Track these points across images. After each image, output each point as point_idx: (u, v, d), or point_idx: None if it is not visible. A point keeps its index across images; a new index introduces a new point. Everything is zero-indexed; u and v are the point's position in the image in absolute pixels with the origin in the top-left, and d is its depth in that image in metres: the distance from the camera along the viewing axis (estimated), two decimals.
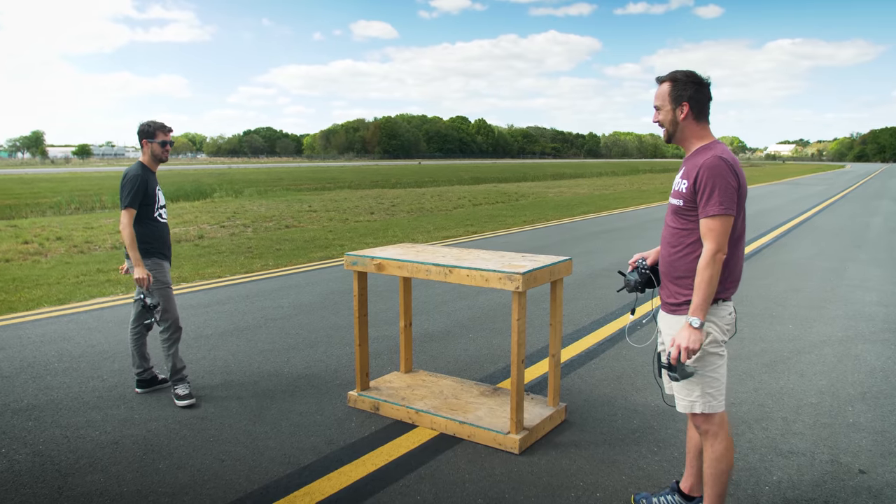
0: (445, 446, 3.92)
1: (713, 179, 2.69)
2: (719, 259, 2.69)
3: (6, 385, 4.94)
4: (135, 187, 4.61)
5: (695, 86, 2.83)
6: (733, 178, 2.71)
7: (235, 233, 14.41)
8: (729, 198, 2.68)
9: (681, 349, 2.72)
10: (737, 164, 2.76)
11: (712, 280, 2.68)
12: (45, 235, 13.60)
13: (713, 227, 2.69)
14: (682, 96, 2.83)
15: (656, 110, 2.92)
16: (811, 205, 23.75)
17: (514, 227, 15.83)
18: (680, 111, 2.85)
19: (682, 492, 3.24)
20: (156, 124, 4.77)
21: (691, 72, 2.86)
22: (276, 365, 5.41)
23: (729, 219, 2.70)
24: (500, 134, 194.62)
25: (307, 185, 36.72)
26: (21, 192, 30.40)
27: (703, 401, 2.86)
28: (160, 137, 4.76)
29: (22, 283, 8.78)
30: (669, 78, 2.87)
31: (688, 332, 2.71)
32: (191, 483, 3.49)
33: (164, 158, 4.85)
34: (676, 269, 2.88)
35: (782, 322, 6.86)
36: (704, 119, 2.88)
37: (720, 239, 2.69)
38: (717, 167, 2.70)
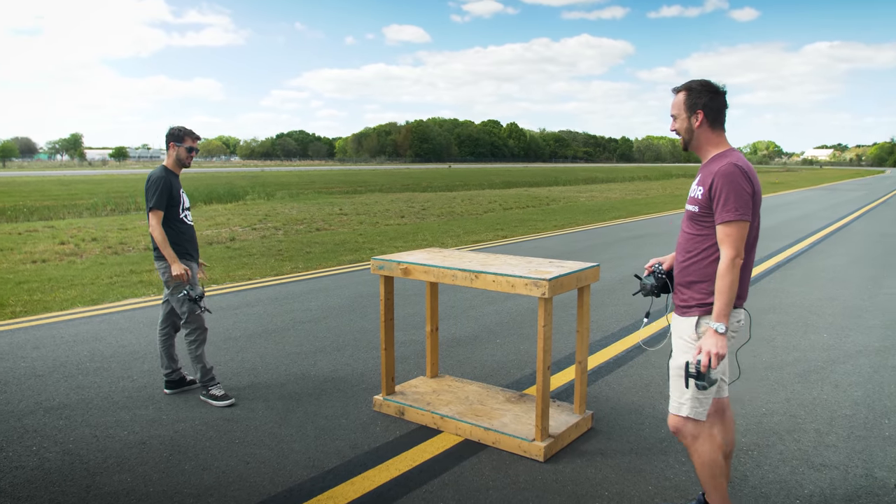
0: (470, 452, 3.90)
1: (728, 186, 2.74)
2: (738, 264, 2.74)
3: (39, 384, 5.03)
4: (159, 189, 4.69)
5: (709, 94, 2.89)
6: (748, 184, 2.76)
7: (266, 235, 14.54)
8: (744, 204, 2.74)
9: (710, 355, 2.72)
10: (751, 172, 2.82)
11: (733, 285, 2.74)
12: (81, 236, 13.86)
13: (730, 233, 2.74)
14: (697, 105, 2.90)
15: (673, 119, 2.99)
16: (848, 210, 23.26)
17: (545, 232, 15.75)
18: (695, 119, 2.91)
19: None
20: (186, 130, 4.86)
21: (706, 81, 2.92)
22: (303, 368, 5.43)
23: (745, 224, 2.75)
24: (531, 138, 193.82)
25: (338, 188, 36.97)
26: (59, 193, 31.07)
27: (691, 404, 2.90)
28: (188, 143, 4.85)
29: (57, 283, 8.95)
30: (685, 87, 2.94)
31: (714, 338, 2.74)
32: (215, 485, 3.51)
33: (187, 164, 4.93)
34: (690, 273, 2.93)
35: (817, 331, 6.71)
36: (720, 126, 2.94)
37: (738, 244, 2.74)
38: (732, 174, 2.75)
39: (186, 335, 4.80)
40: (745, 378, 5.26)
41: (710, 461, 2.94)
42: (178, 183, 4.91)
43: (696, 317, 2.89)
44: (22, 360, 5.57)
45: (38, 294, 8.22)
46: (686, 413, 2.91)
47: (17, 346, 5.97)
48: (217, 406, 4.61)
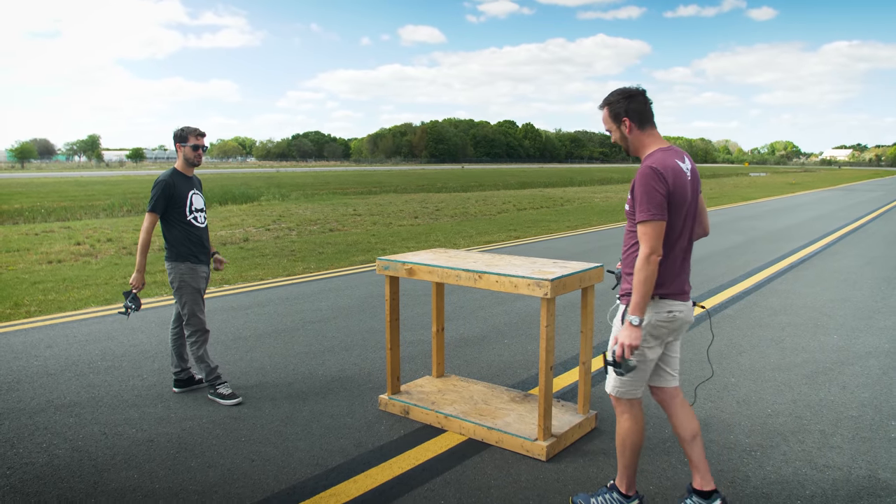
0: (473, 452, 3.92)
1: (642, 188, 2.92)
2: (653, 261, 2.89)
3: (51, 382, 5.11)
4: (159, 192, 4.71)
5: (627, 100, 3.06)
6: (661, 185, 2.91)
7: (280, 236, 14.64)
8: (656, 204, 2.89)
9: (621, 346, 2.94)
10: (669, 171, 2.94)
11: (647, 280, 2.89)
12: (97, 237, 14.02)
13: (645, 232, 2.91)
14: (620, 114, 3.07)
15: (609, 133, 3.18)
16: (865, 211, 23.04)
17: (558, 233, 15.74)
18: (624, 127, 3.08)
19: (697, 490, 3.22)
20: (189, 129, 4.86)
21: (622, 88, 3.10)
22: (311, 367, 5.48)
23: (659, 223, 2.90)
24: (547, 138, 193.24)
25: (353, 188, 37.10)
26: (76, 194, 31.40)
27: (614, 384, 3.16)
28: (192, 141, 4.84)
29: (72, 283, 9.07)
30: (605, 103, 3.13)
31: (628, 329, 2.93)
32: (220, 482, 3.56)
33: (196, 162, 4.92)
34: (627, 265, 3.12)
35: (827, 332, 6.67)
36: (649, 125, 3.09)
37: (652, 242, 2.89)
38: (646, 176, 2.92)
39: (188, 336, 4.86)
40: (751, 379, 5.26)
41: (624, 435, 3.18)
42: (190, 184, 4.91)
43: (625, 305, 3.08)
44: (35, 359, 5.66)
45: (53, 294, 8.34)
46: (610, 391, 3.19)
47: (30, 345, 6.07)
48: (225, 404, 4.66)
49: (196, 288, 4.87)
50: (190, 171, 4.96)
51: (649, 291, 2.91)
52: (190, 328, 4.84)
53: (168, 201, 4.77)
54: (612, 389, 3.18)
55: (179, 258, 4.81)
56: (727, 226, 17.62)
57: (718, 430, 4.29)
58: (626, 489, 3.26)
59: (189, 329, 4.85)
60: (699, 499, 3.20)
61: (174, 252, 4.82)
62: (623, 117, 3.06)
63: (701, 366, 5.52)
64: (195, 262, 4.87)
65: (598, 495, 3.29)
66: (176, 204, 4.80)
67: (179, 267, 4.81)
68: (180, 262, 4.81)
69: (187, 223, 4.85)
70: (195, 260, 4.87)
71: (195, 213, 4.91)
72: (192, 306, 4.83)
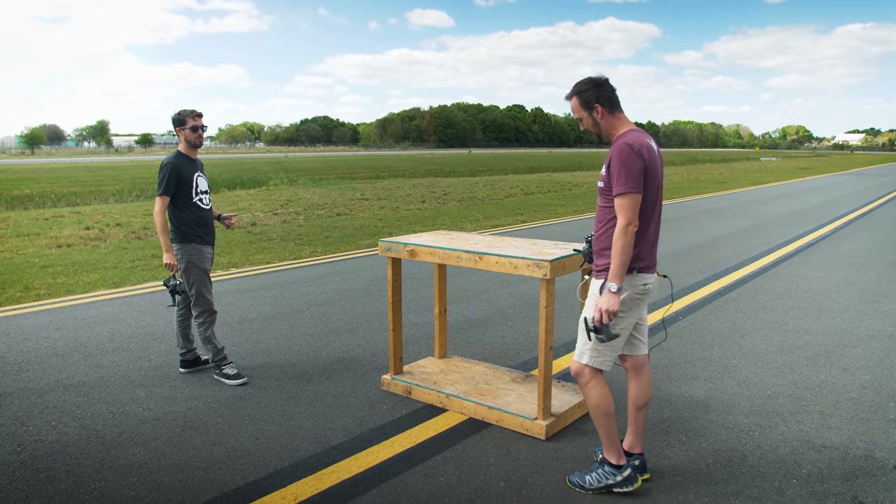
0: (473, 430, 3.98)
1: (620, 163, 3.07)
2: (630, 231, 3.04)
3: (60, 363, 5.19)
4: (167, 175, 4.77)
5: (596, 88, 3.21)
6: (638, 160, 3.07)
7: (287, 220, 14.71)
8: (634, 178, 3.05)
9: (600, 311, 3.07)
10: (644, 148, 3.11)
11: (625, 249, 3.05)
12: (106, 222, 14.12)
13: (623, 204, 3.06)
14: (591, 101, 3.22)
15: (580, 121, 3.32)
16: (875, 196, 22.89)
17: (564, 217, 15.74)
18: (596, 113, 3.23)
19: (623, 449, 3.47)
20: (185, 111, 4.89)
21: (587, 78, 3.26)
22: (316, 349, 5.54)
23: (635, 196, 3.06)
24: (556, 123, 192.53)
25: (361, 173, 37.12)
26: (86, 179, 31.58)
27: (590, 354, 3.27)
28: (190, 123, 4.87)
29: (81, 266, 9.16)
30: (574, 93, 3.27)
31: (607, 296, 3.09)
32: (224, 458, 3.63)
33: (197, 143, 4.96)
34: (601, 241, 3.26)
35: (830, 315, 6.68)
36: (618, 110, 3.26)
37: (629, 214, 3.05)
38: (624, 151, 3.08)
39: (195, 317, 4.93)
40: (753, 361, 5.29)
41: (597, 403, 3.30)
42: (194, 167, 4.97)
43: (602, 280, 3.20)
44: (44, 341, 5.74)
45: (62, 277, 8.43)
46: (586, 361, 3.29)
47: (39, 327, 6.16)
48: (230, 385, 4.73)
49: (203, 269, 4.92)
50: (193, 153, 5.01)
51: (627, 259, 3.07)
52: (198, 308, 4.91)
53: (176, 183, 4.82)
54: (588, 359, 3.28)
55: (186, 239, 4.85)
56: (736, 210, 17.56)
57: (717, 410, 4.33)
58: (615, 459, 3.33)
59: (197, 310, 4.91)
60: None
61: (181, 234, 4.86)
62: (595, 104, 3.22)
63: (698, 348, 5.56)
64: (201, 244, 4.91)
65: (592, 471, 3.36)
66: (183, 186, 4.85)
67: (186, 248, 4.85)
68: (186, 244, 4.86)
69: (193, 205, 4.90)
70: (200, 241, 4.91)
71: (201, 194, 4.96)
72: (199, 287, 4.89)
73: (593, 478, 3.33)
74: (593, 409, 3.32)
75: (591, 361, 3.28)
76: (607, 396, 3.32)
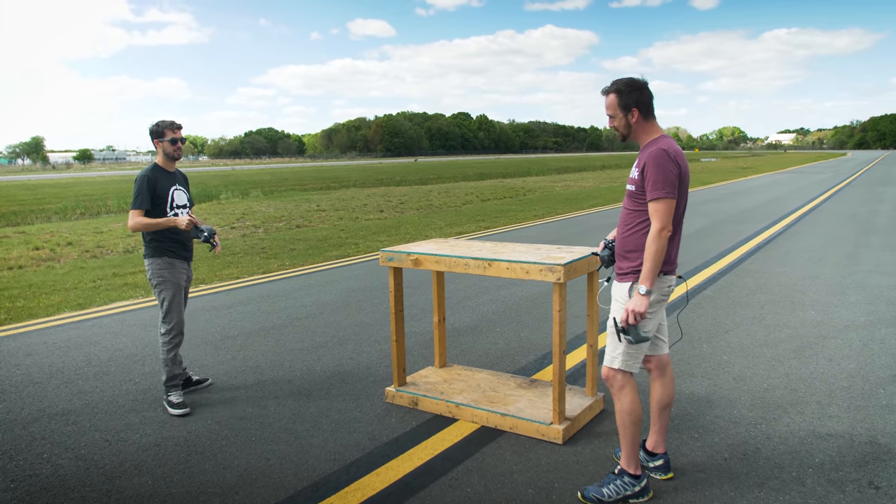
0: (488, 439, 3.93)
1: (657, 168, 3.09)
2: (665, 235, 3.08)
3: (39, 391, 4.96)
4: (141, 188, 4.58)
5: (638, 92, 3.21)
6: (674, 166, 3.10)
7: (247, 234, 14.42)
8: (671, 183, 3.09)
9: (629, 312, 3.09)
10: (679, 155, 3.16)
11: (658, 252, 3.08)
12: (56, 241, 13.62)
13: (658, 209, 3.09)
14: (630, 103, 3.22)
15: (610, 118, 3.31)
16: (818, 192, 23.72)
17: (525, 222, 15.83)
18: (631, 116, 3.23)
19: (646, 449, 3.54)
20: (164, 123, 4.71)
21: (631, 79, 3.24)
22: (308, 363, 5.42)
23: (671, 201, 3.10)
24: (501, 129, 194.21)
25: (312, 184, 36.71)
26: (25, 198, 30.43)
27: (622, 358, 3.27)
28: (169, 135, 4.69)
29: (39, 288, 8.80)
30: (614, 90, 3.25)
31: (637, 298, 3.11)
32: (239, 483, 3.50)
33: (176, 156, 4.77)
34: (628, 244, 3.27)
35: (804, 308, 6.86)
36: (651, 116, 3.27)
37: (664, 218, 3.08)
38: (661, 157, 3.10)
39: (162, 334, 4.65)
40: (742, 356, 5.38)
41: (629, 409, 3.29)
42: (172, 180, 4.78)
43: (630, 282, 3.25)
44: (16, 368, 5.48)
45: (21, 300, 8.08)
46: (618, 365, 3.28)
47: (7, 354, 5.87)
48: (172, 413, 4.45)
49: (176, 283, 4.70)
50: (171, 165, 4.82)
51: (660, 263, 3.10)
52: (166, 326, 4.64)
53: (151, 196, 4.62)
54: (620, 364, 3.28)
55: (158, 253, 4.65)
56: (692, 209, 17.87)
57: (721, 405, 4.38)
58: (634, 469, 3.30)
59: (164, 326, 4.64)
60: (646, 455, 3.52)
61: (153, 247, 4.65)
62: (633, 107, 3.22)
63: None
64: (173, 257, 4.70)
65: (608, 483, 3.30)
66: (157, 200, 4.64)
67: (156, 262, 4.65)
68: (158, 258, 4.65)
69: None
70: (172, 255, 4.70)
71: (177, 208, 4.76)
72: (170, 302, 4.66)
73: (611, 490, 3.27)
74: (625, 414, 3.30)
75: (624, 365, 3.27)
76: (639, 402, 3.32)
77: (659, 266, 3.10)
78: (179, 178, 4.92)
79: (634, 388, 3.32)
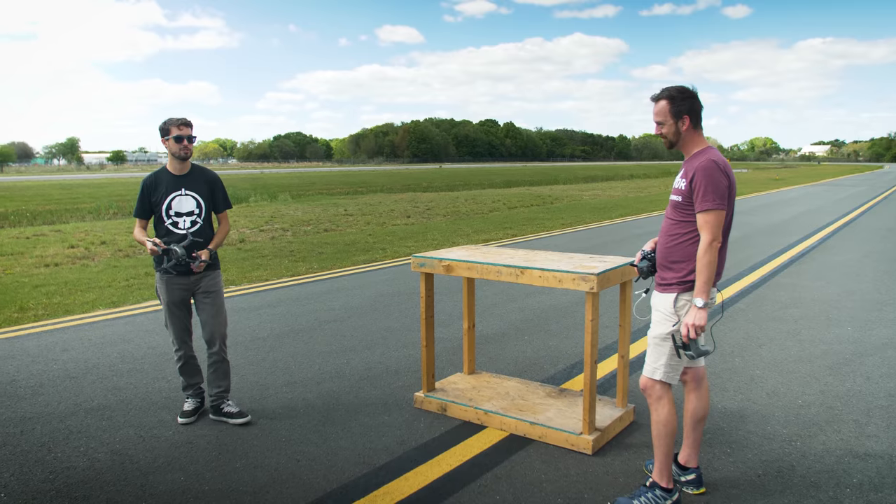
0: (517, 447, 3.92)
1: (707, 179, 3.09)
2: (715, 247, 3.09)
3: (75, 385, 5.04)
4: (138, 194, 4.35)
5: (690, 100, 3.21)
6: (724, 178, 3.11)
7: (275, 237, 14.55)
8: (720, 195, 3.09)
9: (689, 327, 3.07)
10: (727, 167, 3.18)
11: (711, 265, 3.08)
12: (90, 240, 13.86)
13: (708, 220, 3.09)
14: (682, 111, 3.21)
15: (659, 125, 3.28)
16: (854, 206, 23.32)
17: (553, 230, 15.78)
18: (682, 123, 3.22)
19: (678, 462, 3.50)
20: (170, 120, 4.30)
21: (683, 87, 3.23)
22: (337, 366, 5.45)
23: (721, 213, 3.10)
24: (528, 137, 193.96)
25: (339, 188, 36.97)
26: (61, 197, 31.05)
27: (664, 370, 3.26)
28: (174, 132, 4.25)
29: (74, 286, 8.95)
30: (666, 96, 3.23)
31: (694, 311, 3.09)
32: (270, 482, 3.53)
33: (182, 155, 4.30)
34: (672, 254, 3.26)
35: (840, 324, 6.74)
36: (700, 126, 3.27)
37: (715, 230, 3.08)
38: (711, 168, 3.10)
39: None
40: (776, 371, 5.30)
41: (666, 420, 3.28)
42: (177, 184, 4.34)
43: (675, 293, 3.22)
44: (53, 363, 5.58)
45: (57, 297, 8.23)
46: (660, 377, 3.28)
47: (45, 349, 5.98)
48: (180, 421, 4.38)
49: (168, 300, 4.40)
50: (180, 167, 4.37)
51: (713, 275, 3.09)
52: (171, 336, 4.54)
53: (148, 203, 4.34)
54: (661, 375, 3.27)
55: (156, 267, 4.42)
56: None
57: (754, 421, 4.32)
58: (666, 483, 3.29)
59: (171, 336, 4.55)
60: (678, 469, 3.48)
61: (154, 260, 4.39)
62: (685, 115, 3.20)
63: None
64: (165, 272, 4.35)
65: (640, 496, 3.28)
66: (154, 207, 4.33)
67: (157, 275, 4.43)
68: (157, 271, 4.42)
69: (165, 229, 4.32)
70: (164, 272, 4.35)
71: (174, 217, 4.32)
72: (164, 318, 4.50)
73: (642, 502, 3.26)
74: (662, 425, 3.29)
75: (665, 377, 3.27)
76: (675, 414, 3.31)
77: (712, 278, 3.09)
78: (193, 180, 4.41)
79: (672, 399, 3.30)
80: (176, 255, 4.19)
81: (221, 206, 4.56)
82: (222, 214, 4.61)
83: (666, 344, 3.23)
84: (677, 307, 3.21)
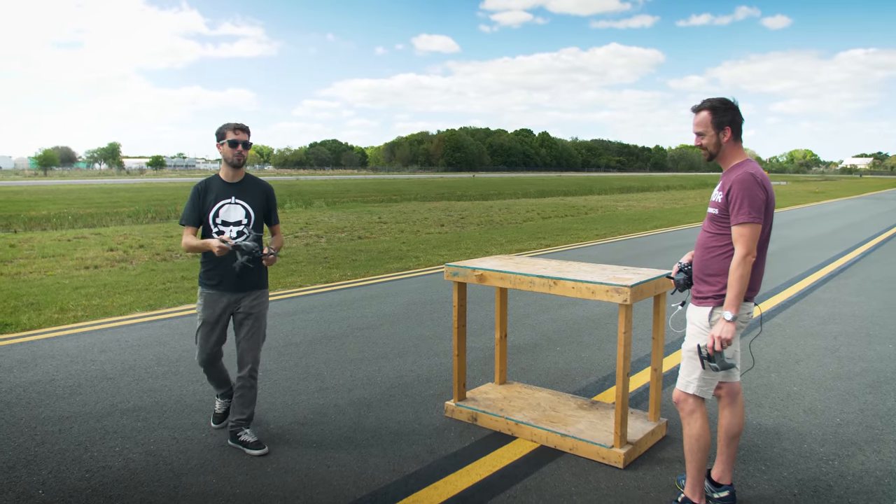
0: (547, 459, 3.89)
1: (743, 192, 3.06)
2: (749, 261, 3.06)
3: (112, 386, 5.14)
4: (189, 202, 4.13)
5: (733, 112, 3.19)
6: (761, 191, 3.08)
7: (310, 243, 14.68)
8: (757, 208, 3.06)
9: (715, 339, 3.05)
10: (765, 180, 3.14)
11: (743, 278, 3.05)
12: (129, 243, 14.13)
13: (743, 233, 3.06)
14: (724, 122, 3.18)
15: (699, 136, 3.25)
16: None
17: (587, 241, 15.67)
18: (723, 135, 3.20)
19: (711, 479, 3.45)
20: (227, 124, 4.11)
21: (725, 98, 3.21)
22: (368, 373, 5.47)
23: (757, 226, 3.07)
24: (563, 147, 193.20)
25: (374, 196, 37.19)
26: (101, 200, 31.72)
27: (698, 384, 3.23)
28: (229, 136, 4.06)
29: (113, 288, 9.13)
30: (708, 107, 3.20)
31: (722, 324, 3.07)
32: (300, 487, 3.56)
33: (235, 162, 4.09)
34: (708, 267, 3.23)
35: (881, 342, 6.58)
36: (740, 139, 3.24)
37: (749, 244, 3.06)
38: (748, 181, 3.07)
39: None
40: (814, 388, 5.19)
41: (698, 434, 3.25)
42: (227, 192, 4.14)
43: (710, 307, 3.20)
44: (91, 363, 5.69)
45: (97, 299, 8.40)
46: (693, 391, 3.24)
47: (84, 350, 6.11)
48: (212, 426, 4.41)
49: (202, 319, 4.20)
50: (233, 174, 4.16)
51: (744, 289, 3.06)
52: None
53: (197, 211, 4.13)
54: (695, 389, 3.24)
55: (200, 283, 4.23)
56: None
57: (790, 438, 4.24)
58: (698, 499, 3.27)
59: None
60: (710, 486, 3.42)
61: (199, 275, 4.24)
62: (727, 126, 3.18)
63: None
64: (208, 288, 4.17)
65: None
66: (203, 215, 4.12)
67: (199, 291, 4.24)
68: (200, 286, 4.24)
69: (212, 238, 4.06)
70: (205, 285, 4.18)
71: (220, 225, 4.10)
72: (196, 335, 4.29)
73: None
74: (694, 439, 3.25)
75: (698, 391, 3.24)
76: (708, 429, 3.28)
77: (744, 292, 3.06)
78: (245, 189, 4.19)
79: (705, 414, 3.27)
80: (248, 249, 3.94)
81: (274, 219, 4.38)
82: (275, 227, 4.44)
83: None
84: (712, 321, 3.18)
